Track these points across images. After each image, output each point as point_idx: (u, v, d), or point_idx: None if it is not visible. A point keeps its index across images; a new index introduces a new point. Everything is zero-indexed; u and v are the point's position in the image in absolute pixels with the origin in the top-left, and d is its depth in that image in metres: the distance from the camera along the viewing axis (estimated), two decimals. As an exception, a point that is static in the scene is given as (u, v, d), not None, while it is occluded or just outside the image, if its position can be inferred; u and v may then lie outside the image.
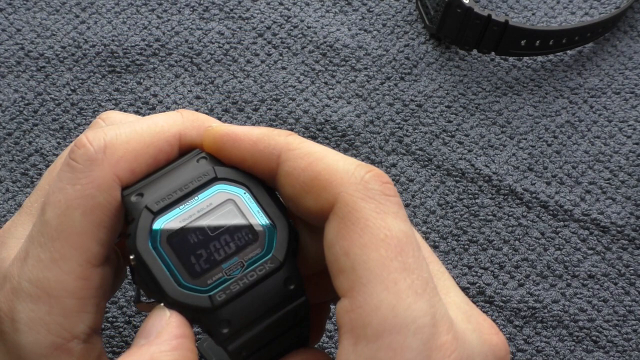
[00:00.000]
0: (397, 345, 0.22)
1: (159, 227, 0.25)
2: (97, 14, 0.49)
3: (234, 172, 0.26)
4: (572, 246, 0.42)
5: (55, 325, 0.25)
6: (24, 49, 0.47)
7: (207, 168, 0.26)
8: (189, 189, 0.26)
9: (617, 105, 0.47)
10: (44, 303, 0.25)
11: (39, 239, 0.25)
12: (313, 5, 0.50)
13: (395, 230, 0.24)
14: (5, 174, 0.43)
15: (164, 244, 0.25)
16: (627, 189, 0.44)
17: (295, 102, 0.46)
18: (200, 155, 0.27)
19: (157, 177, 0.26)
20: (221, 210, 0.26)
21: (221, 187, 0.26)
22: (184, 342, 0.24)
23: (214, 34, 0.49)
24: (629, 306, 0.40)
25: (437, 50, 0.49)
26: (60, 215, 0.25)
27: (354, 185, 0.24)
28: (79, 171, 0.25)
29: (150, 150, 0.26)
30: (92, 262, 0.25)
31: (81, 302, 0.25)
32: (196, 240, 0.25)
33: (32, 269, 0.25)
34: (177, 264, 0.25)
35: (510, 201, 0.43)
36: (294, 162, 0.25)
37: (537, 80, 0.48)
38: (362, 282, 0.23)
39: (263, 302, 0.25)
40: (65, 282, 0.25)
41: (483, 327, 0.25)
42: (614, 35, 0.50)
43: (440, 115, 0.46)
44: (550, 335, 0.39)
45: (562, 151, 0.45)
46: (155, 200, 0.25)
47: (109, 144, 0.25)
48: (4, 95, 0.45)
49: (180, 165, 0.27)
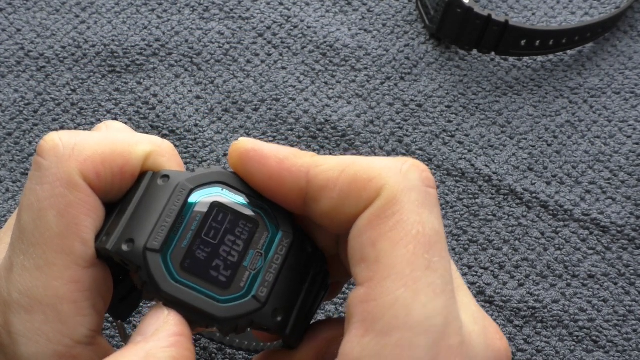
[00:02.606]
0: (405, 342, 0.22)
1: (168, 260, 0.24)
2: (97, 14, 0.49)
3: (203, 175, 0.26)
4: (572, 246, 0.42)
5: (54, 334, 0.24)
6: (24, 49, 0.47)
7: (176, 184, 0.25)
8: (174, 212, 0.25)
9: (617, 105, 0.47)
10: (38, 313, 0.24)
11: (20, 246, 0.24)
12: (313, 5, 0.50)
13: (428, 228, 0.23)
14: (5, 174, 0.43)
15: (181, 273, 0.24)
16: (627, 189, 0.44)
17: (296, 102, 0.46)
18: (160, 174, 0.26)
19: (127, 215, 0.25)
20: (212, 216, 0.25)
21: (199, 194, 0.25)
22: (182, 340, 0.24)
23: (214, 34, 0.49)
24: (629, 306, 0.40)
25: (437, 50, 0.49)
26: (35, 219, 0.24)
27: (394, 177, 0.24)
28: (45, 168, 0.24)
29: (119, 160, 0.25)
30: (80, 264, 0.24)
31: (76, 305, 0.24)
32: (206, 255, 0.25)
33: (19, 279, 0.24)
34: (204, 284, 0.24)
35: (510, 201, 0.43)
36: (326, 174, 0.25)
37: (537, 80, 0.48)
38: (382, 275, 0.23)
39: (295, 275, 0.26)
40: (55, 288, 0.24)
41: (489, 330, 0.25)
42: (614, 35, 0.50)
43: (440, 115, 0.46)
44: (550, 335, 0.39)
45: (562, 151, 0.45)
46: (150, 238, 0.24)
47: (78, 144, 0.25)
48: (4, 95, 0.45)
49: (146, 194, 0.26)
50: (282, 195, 0.26)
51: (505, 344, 0.25)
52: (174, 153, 0.27)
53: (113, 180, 0.25)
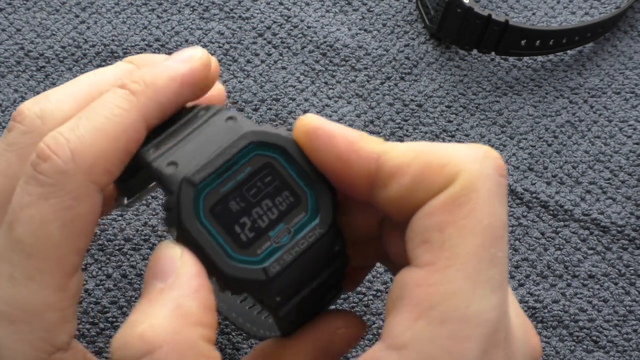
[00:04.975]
0: (459, 334, 0.22)
1: (201, 198, 0.24)
2: (97, 14, 0.49)
3: (270, 134, 0.25)
4: (572, 246, 0.42)
5: (38, 342, 0.24)
6: (24, 48, 0.47)
7: (240, 131, 0.25)
8: (226, 156, 0.24)
9: (618, 105, 0.47)
10: (23, 322, 0.24)
11: (10, 258, 0.24)
12: (313, 5, 0.50)
13: (498, 219, 0.23)
14: (5, 174, 0.43)
15: (208, 216, 0.24)
16: (628, 189, 0.44)
17: (295, 102, 0.46)
18: (228, 114, 0.25)
19: (181, 138, 0.25)
20: (260, 175, 0.25)
21: (258, 151, 0.25)
22: (202, 281, 0.23)
23: (214, 33, 0.49)
24: (629, 306, 0.40)
25: (437, 50, 0.49)
26: (36, 231, 0.23)
27: (471, 164, 0.23)
28: (51, 185, 0.23)
29: (119, 145, 0.24)
30: (70, 273, 0.24)
31: (62, 313, 0.24)
32: (238, 208, 0.24)
33: (6, 290, 0.24)
34: (224, 235, 0.24)
35: (511, 201, 0.43)
36: (398, 159, 0.24)
37: (537, 80, 0.48)
38: (446, 262, 0.22)
39: (312, 266, 0.25)
40: (44, 297, 0.24)
41: (527, 326, 0.25)
42: (614, 35, 0.50)
43: (440, 115, 0.46)
44: (550, 335, 0.39)
45: (563, 151, 0.45)
46: (193, 170, 0.24)
47: (75, 152, 0.24)
48: (4, 95, 0.45)
49: (205, 125, 0.25)
50: (348, 177, 0.25)
51: (539, 342, 0.25)
52: (156, 91, 0.25)
53: (123, 164, 0.25)
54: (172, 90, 0.26)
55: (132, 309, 0.39)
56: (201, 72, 0.27)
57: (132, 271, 0.40)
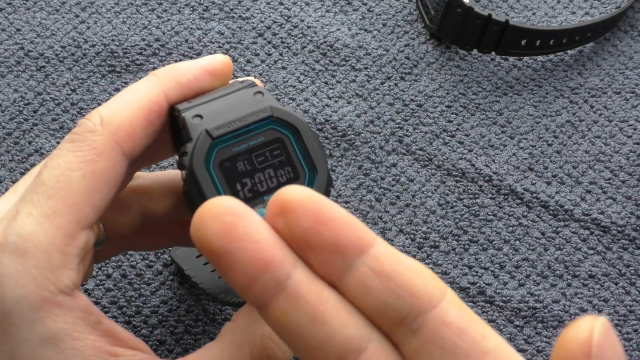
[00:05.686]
0: None
1: (214, 151, 0.27)
2: (97, 14, 0.49)
3: (288, 114, 0.28)
4: (572, 246, 0.42)
5: (42, 279, 0.25)
6: (24, 48, 0.47)
7: (264, 105, 0.28)
8: (246, 122, 0.27)
9: (618, 105, 0.47)
10: (32, 256, 0.25)
11: (32, 198, 0.26)
12: (313, 5, 0.50)
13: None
14: (5, 174, 0.43)
15: (216, 167, 0.27)
16: (628, 189, 0.44)
17: (296, 102, 0.46)
18: (257, 89, 0.28)
19: (212, 99, 0.28)
20: (270, 147, 0.27)
21: (274, 126, 0.28)
22: None
23: (214, 33, 0.48)
24: (629, 306, 0.40)
25: (437, 50, 0.49)
26: (59, 175, 0.26)
27: None
28: (80, 141, 0.27)
29: (142, 113, 0.28)
30: (81, 224, 0.26)
31: (66, 258, 0.26)
32: (244, 170, 0.27)
33: (22, 224, 0.26)
34: (225, 187, 0.27)
35: (511, 201, 0.43)
36: None
37: (537, 80, 0.48)
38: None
39: None
40: (53, 237, 0.26)
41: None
42: (614, 35, 0.50)
43: (440, 115, 0.46)
44: (550, 335, 0.39)
45: (563, 151, 0.45)
46: (214, 126, 0.27)
47: (104, 117, 0.27)
48: (4, 95, 0.45)
49: (236, 93, 0.28)
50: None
51: None
52: (177, 76, 0.29)
53: (144, 131, 0.28)
54: (192, 73, 0.29)
55: (132, 309, 0.39)
56: (220, 64, 0.30)
57: (132, 271, 0.39)
